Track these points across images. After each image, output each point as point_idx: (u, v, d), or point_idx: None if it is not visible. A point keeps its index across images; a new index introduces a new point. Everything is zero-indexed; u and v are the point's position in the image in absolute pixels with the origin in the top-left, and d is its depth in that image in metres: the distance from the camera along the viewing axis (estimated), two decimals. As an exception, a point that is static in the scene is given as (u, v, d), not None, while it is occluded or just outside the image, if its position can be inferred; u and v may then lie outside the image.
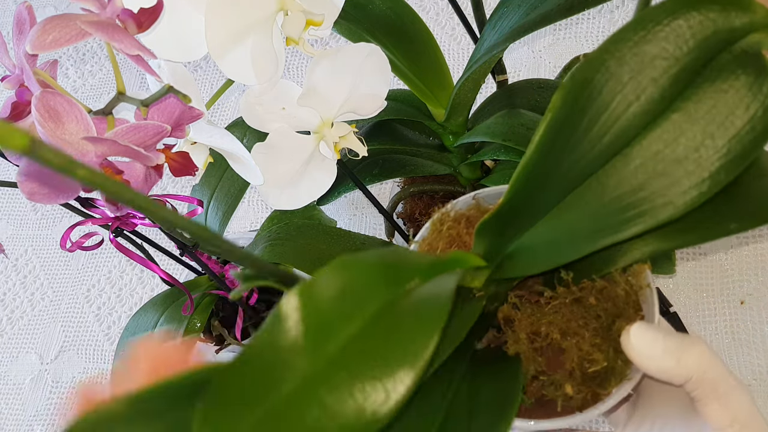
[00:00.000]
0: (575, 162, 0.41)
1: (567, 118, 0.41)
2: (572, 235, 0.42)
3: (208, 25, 0.46)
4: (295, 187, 0.59)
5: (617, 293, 0.44)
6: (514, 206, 0.43)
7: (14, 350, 1.12)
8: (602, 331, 0.43)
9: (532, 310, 0.45)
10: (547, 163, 0.42)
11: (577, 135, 0.41)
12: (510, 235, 0.44)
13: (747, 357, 0.82)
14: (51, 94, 0.39)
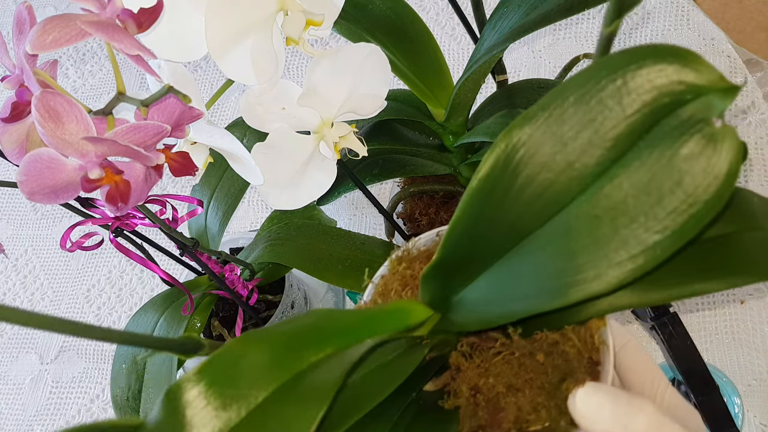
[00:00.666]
0: (511, 222, 0.40)
1: (501, 177, 0.39)
2: (510, 297, 0.40)
3: (208, 25, 0.46)
4: (295, 187, 0.59)
5: (568, 351, 0.42)
6: (450, 260, 0.42)
7: (14, 350, 1.12)
8: (549, 389, 0.41)
9: (482, 359, 0.43)
10: (481, 221, 0.40)
11: (512, 194, 0.39)
12: (454, 285, 0.43)
13: (747, 357, 0.82)
14: (51, 94, 0.39)
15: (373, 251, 0.76)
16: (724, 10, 1.04)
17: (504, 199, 0.39)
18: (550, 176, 0.38)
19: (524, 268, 0.40)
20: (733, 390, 0.79)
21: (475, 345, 0.44)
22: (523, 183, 0.39)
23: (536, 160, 0.38)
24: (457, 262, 0.42)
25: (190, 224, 0.85)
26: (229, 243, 0.93)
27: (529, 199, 0.39)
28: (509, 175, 0.39)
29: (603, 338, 0.43)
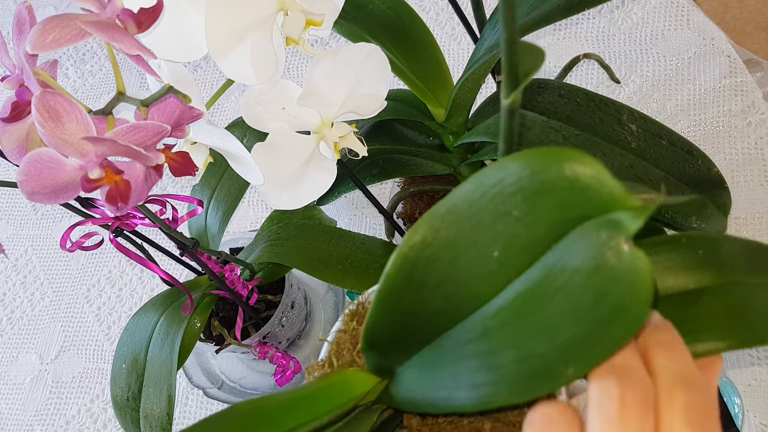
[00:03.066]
0: (429, 319, 0.39)
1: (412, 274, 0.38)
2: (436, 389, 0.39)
3: (208, 24, 0.46)
4: (295, 187, 0.59)
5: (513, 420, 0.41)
6: (378, 340, 0.41)
7: (14, 350, 1.12)
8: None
9: (433, 422, 0.42)
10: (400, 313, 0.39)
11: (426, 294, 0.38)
12: (393, 359, 0.42)
13: (747, 357, 0.82)
14: (51, 94, 0.39)
15: (373, 251, 0.76)
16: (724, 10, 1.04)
17: (420, 294, 0.38)
18: (463, 276, 0.37)
19: (446, 359, 0.38)
20: (733, 390, 0.79)
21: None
22: (438, 279, 0.37)
23: (446, 260, 0.37)
24: (387, 341, 0.41)
25: (190, 224, 0.85)
26: (229, 243, 0.93)
27: (447, 294, 0.38)
28: (421, 271, 0.37)
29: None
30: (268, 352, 0.84)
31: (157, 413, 0.72)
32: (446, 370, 0.38)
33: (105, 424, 1.02)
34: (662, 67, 1.02)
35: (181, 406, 1.00)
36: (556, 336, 0.33)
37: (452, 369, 0.38)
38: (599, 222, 0.33)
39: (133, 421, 0.74)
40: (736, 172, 0.91)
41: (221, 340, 0.83)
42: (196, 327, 0.76)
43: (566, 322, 0.33)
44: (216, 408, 0.98)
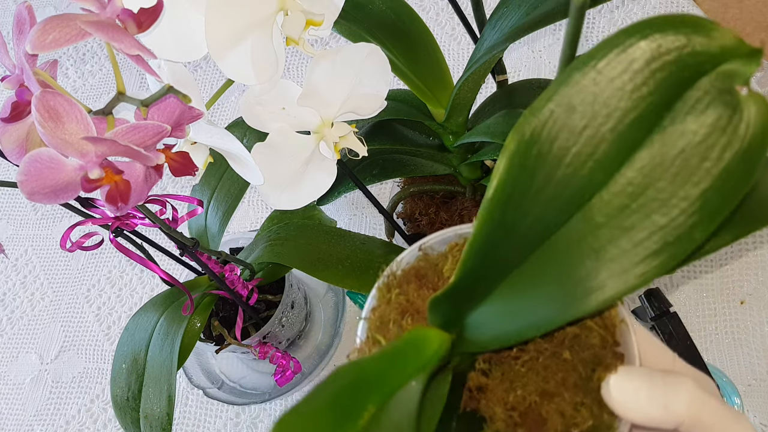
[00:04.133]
0: (529, 228, 0.37)
1: (516, 182, 0.36)
2: (529, 310, 0.38)
3: (208, 24, 0.46)
4: (295, 187, 0.59)
5: (592, 340, 0.40)
6: (465, 285, 0.39)
7: (14, 350, 1.12)
8: (583, 385, 0.39)
9: (504, 373, 0.41)
10: (498, 234, 0.37)
11: (529, 198, 0.36)
12: (469, 305, 0.40)
13: (747, 357, 0.82)
14: (51, 94, 0.39)
15: (373, 251, 0.76)
16: (724, 10, 1.04)
17: (522, 202, 0.37)
18: (569, 171, 0.35)
19: (547, 276, 0.37)
20: (733, 390, 0.79)
21: (492, 359, 0.42)
22: (541, 181, 0.36)
23: (552, 156, 0.35)
24: (473, 281, 0.39)
25: (190, 224, 0.85)
26: (229, 243, 0.93)
27: (550, 197, 0.36)
28: (526, 177, 0.36)
29: (621, 317, 0.41)
30: (268, 352, 0.84)
31: (157, 413, 0.72)
32: (543, 286, 0.37)
33: (105, 424, 1.02)
34: (662, 67, 1.02)
35: (181, 406, 1.00)
36: (678, 203, 0.34)
37: (556, 278, 0.37)
38: (714, 76, 0.33)
39: (133, 421, 0.74)
40: (736, 172, 0.91)
41: (221, 340, 0.83)
42: (196, 327, 0.76)
43: (688, 186, 0.33)
44: (216, 408, 0.99)
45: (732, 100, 0.33)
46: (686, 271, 0.88)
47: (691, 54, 0.33)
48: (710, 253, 0.38)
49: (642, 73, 0.34)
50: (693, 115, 0.34)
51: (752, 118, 0.33)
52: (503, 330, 0.39)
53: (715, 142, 0.33)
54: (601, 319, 0.41)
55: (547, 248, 0.37)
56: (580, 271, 0.36)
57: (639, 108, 0.34)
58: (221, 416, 0.98)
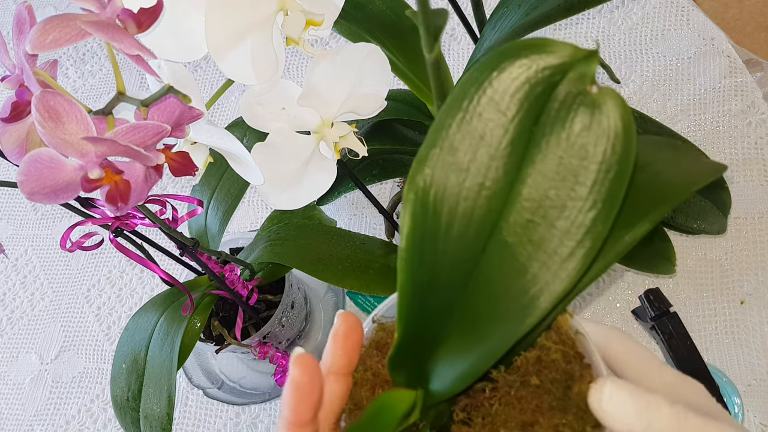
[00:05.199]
0: (452, 267, 0.39)
1: (424, 226, 0.38)
2: (484, 338, 0.39)
3: (208, 24, 0.46)
4: (295, 187, 0.59)
5: (554, 358, 0.41)
6: (411, 336, 0.41)
7: (14, 350, 1.12)
8: (559, 405, 0.40)
9: (484, 417, 0.41)
10: (423, 279, 0.39)
11: (441, 239, 0.39)
12: (423, 359, 0.42)
13: (747, 357, 0.82)
14: (51, 94, 0.39)
15: (373, 251, 0.76)
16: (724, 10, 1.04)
17: (436, 244, 0.39)
18: (469, 203, 0.38)
19: (484, 304, 0.39)
20: (733, 390, 0.79)
21: (468, 406, 0.43)
22: (447, 222, 0.38)
23: (449, 195, 0.38)
24: (418, 330, 0.41)
25: (190, 224, 0.85)
26: (229, 243, 0.93)
27: (459, 232, 0.39)
28: (431, 221, 0.38)
29: (575, 328, 0.42)
30: (268, 352, 0.84)
31: (157, 413, 0.72)
32: (488, 314, 0.39)
33: (105, 424, 1.02)
34: (662, 67, 1.02)
35: (181, 406, 1.00)
36: (573, 204, 0.36)
37: (494, 306, 0.39)
38: (564, 86, 0.37)
39: (133, 421, 0.74)
40: (736, 172, 0.91)
41: (221, 340, 0.83)
42: (196, 327, 0.76)
43: (576, 186, 0.36)
44: (216, 408, 0.99)
45: (587, 99, 0.36)
46: (686, 271, 0.88)
47: (539, 71, 0.36)
48: (616, 259, 0.39)
49: (502, 104, 0.37)
50: (559, 123, 0.36)
51: (611, 110, 0.36)
52: (463, 369, 0.40)
53: (587, 141, 0.36)
54: (555, 335, 0.42)
55: (476, 280, 0.39)
56: (512, 292, 0.38)
57: (510, 131, 0.37)
58: (221, 416, 0.98)
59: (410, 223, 0.38)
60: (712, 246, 0.88)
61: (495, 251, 0.38)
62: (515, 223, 0.38)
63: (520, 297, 0.37)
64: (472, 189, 0.38)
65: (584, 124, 0.36)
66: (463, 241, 0.39)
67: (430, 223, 0.38)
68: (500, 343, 0.38)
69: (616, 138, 0.35)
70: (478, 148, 0.37)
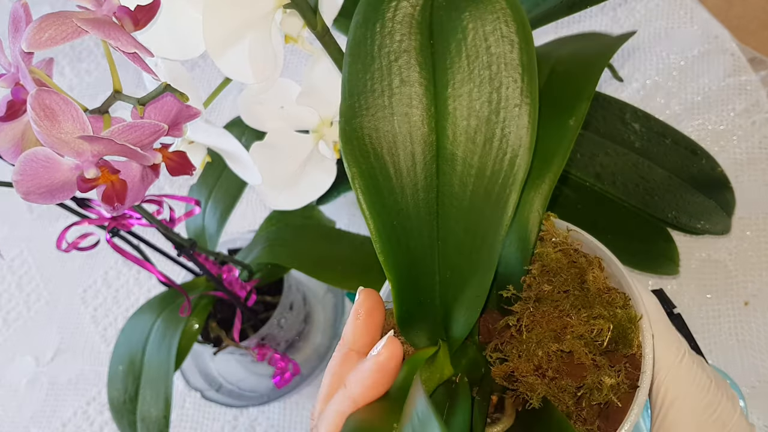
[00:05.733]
0: (415, 203, 0.40)
1: (373, 175, 0.40)
2: (473, 257, 0.40)
3: (205, 22, 0.46)
4: (293, 187, 0.59)
5: (555, 259, 0.42)
6: (406, 285, 0.42)
7: (10, 352, 1.12)
8: (581, 301, 0.41)
9: (516, 347, 0.42)
10: (396, 225, 0.41)
11: (395, 180, 0.40)
12: (431, 308, 0.42)
13: (751, 359, 0.81)
14: (47, 93, 0.39)
15: (372, 252, 0.75)
16: (727, 8, 1.04)
17: (392, 186, 0.40)
18: (404, 134, 0.39)
19: (459, 223, 0.40)
20: (737, 392, 0.79)
21: (499, 345, 0.43)
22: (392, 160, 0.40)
23: (383, 134, 0.40)
24: (412, 283, 0.42)
25: (188, 224, 0.84)
26: (227, 243, 0.92)
27: (408, 166, 0.40)
28: (377, 164, 0.40)
29: (564, 226, 0.43)
30: (266, 354, 0.83)
31: (154, 416, 0.71)
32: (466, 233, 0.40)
33: (101, 427, 1.01)
34: (665, 65, 1.01)
35: (178, 409, 0.99)
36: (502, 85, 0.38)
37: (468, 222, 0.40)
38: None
39: (130, 423, 0.73)
40: (740, 172, 0.90)
41: (219, 341, 0.83)
42: (193, 329, 0.76)
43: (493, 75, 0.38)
44: (214, 410, 0.98)
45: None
46: (690, 272, 0.87)
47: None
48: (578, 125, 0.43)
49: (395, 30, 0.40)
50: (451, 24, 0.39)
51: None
52: (470, 300, 0.40)
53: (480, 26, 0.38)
54: (548, 242, 0.43)
55: (443, 203, 0.40)
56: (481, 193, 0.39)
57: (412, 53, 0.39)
58: (219, 419, 0.97)
59: (358, 173, 0.40)
60: (716, 246, 0.87)
61: (447, 167, 0.39)
62: (455, 132, 0.39)
63: (491, 190, 0.38)
64: (401, 120, 0.39)
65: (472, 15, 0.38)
66: (414, 172, 0.40)
67: (377, 167, 0.40)
68: (492, 243, 0.39)
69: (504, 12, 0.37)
70: (392, 81, 0.39)
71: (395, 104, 0.39)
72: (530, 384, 0.41)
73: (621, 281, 0.42)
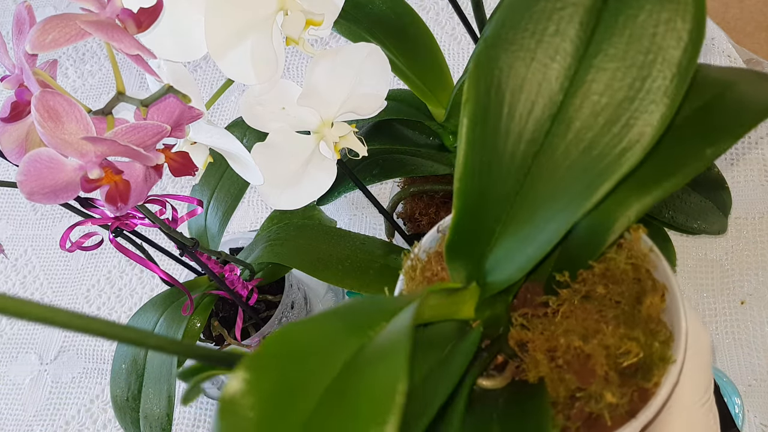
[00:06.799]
0: (513, 150, 0.39)
1: (486, 107, 0.38)
2: (544, 222, 0.38)
3: (207, 24, 0.46)
4: (295, 187, 0.59)
5: (623, 270, 0.40)
6: (469, 217, 0.40)
7: (14, 350, 1.12)
8: (626, 318, 0.39)
9: (543, 324, 0.41)
10: (484, 161, 0.39)
11: (504, 121, 0.38)
12: (481, 248, 0.41)
13: (747, 357, 0.82)
14: (50, 94, 0.39)
15: (373, 251, 0.76)
16: (724, 10, 1.04)
17: (498, 126, 0.38)
18: (534, 84, 0.38)
19: (546, 186, 0.38)
20: (733, 390, 0.79)
21: (529, 315, 0.42)
22: (510, 101, 0.38)
23: (514, 74, 0.38)
24: (474, 217, 0.40)
25: (190, 224, 0.85)
26: (228, 243, 0.93)
27: (523, 114, 0.38)
28: (495, 99, 0.38)
29: (649, 245, 0.40)
30: (267, 352, 0.83)
31: (157, 413, 0.72)
32: (549, 196, 0.38)
33: (105, 425, 1.02)
34: (662, 67, 1.01)
35: (180, 407, 1.00)
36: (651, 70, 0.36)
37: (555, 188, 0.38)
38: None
39: (133, 421, 0.74)
40: (736, 172, 0.91)
41: (221, 340, 0.83)
42: (195, 327, 0.76)
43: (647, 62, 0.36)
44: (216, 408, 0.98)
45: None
46: (687, 271, 0.88)
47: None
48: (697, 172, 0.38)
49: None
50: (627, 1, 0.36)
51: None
52: (521, 259, 0.39)
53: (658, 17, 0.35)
54: (626, 251, 0.40)
55: (540, 163, 0.38)
56: (576, 171, 0.37)
57: (579, 10, 0.37)
58: (221, 416, 0.98)
59: (474, 99, 0.38)
60: (712, 246, 0.88)
61: (559, 132, 0.38)
62: (584, 102, 0.37)
63: (582, 178, 0.37)
64: (538, 68, 0.37)
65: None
66: (526, 122, 0.38)
67: (494, 101, 0.38)
68: (558, 226, 0.37)
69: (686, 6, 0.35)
70: (548, 26, 0.37)
71: (539, 51, 0.38)
72: (537, 361, 0.40)
73: (674, 321, 0.40)
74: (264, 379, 0.28)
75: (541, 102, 0.38)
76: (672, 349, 0.38)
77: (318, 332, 0.31)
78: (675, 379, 0.38)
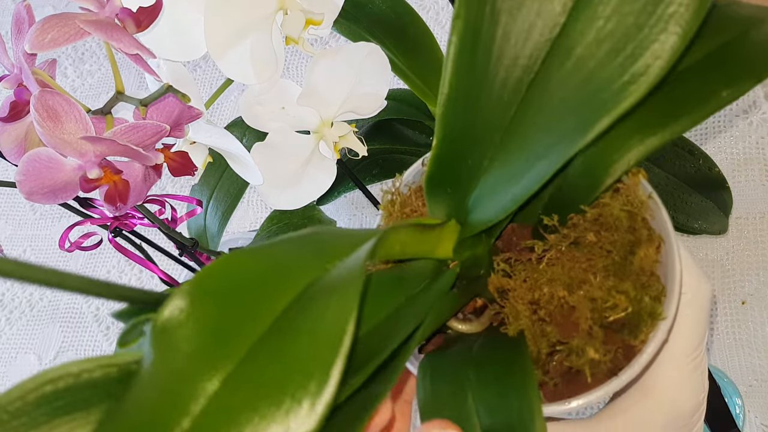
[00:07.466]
0: (506, 76, 0.35)
1: (479, 26, 0.34)
2: (533, 158, 0.35)
3: (207, 24, 0.46)
4: (294, 186, 0.59)
5: (618, 216, 0.36)
6: (452, 148, 0.37)
7: (13, 351, 1.12)
8: (616, 269, 0.36)
9: (527, 271, 0.38)
10: (472, 87, 0.35)
11: (498, 43, 0.35)
12: (464, 183, 0.38)
13: (748, 358, 0.82)
14: (50, 94, 0.39)
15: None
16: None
17: (491, 47, 0.35)
18: (534, 8, 0.34)
19: (539, 119, 0.35)
20: (734, 390, 0.79)
21: (512, 260, 0.39)
22: (506, 22, 0.34)
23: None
24: (458, 146, 0.37)
25: (189, 224, 0.85)
26: (228, 243, 0.92)
27: (519, 37, 0.35)
28: (489, 18, 0.34)
29: (648, 191, 0.37)
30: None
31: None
32: (541, 129, 0.35)
33: (104, 425, 1.02)
34: (663, 66, 1.01)
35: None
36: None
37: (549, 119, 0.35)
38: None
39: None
40: (737, 172, 0.90)
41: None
42: (195, 327, 0.76)
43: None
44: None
45: None
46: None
47: None
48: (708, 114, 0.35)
49: None
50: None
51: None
52: (506, 197, 0.36)
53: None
54: (623, 197, 0.37)
55: (532, 94, 0.35)
56: (572, 104, 0.34)
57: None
58: (220, 417, 0.98)
59: (465, 16, 0.34)
60: (713, 246, 0.88)
61: (558, 58, 0.34)
62: (585, 27, 0.33)
63: (579, 111, 0.33)
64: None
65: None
66: (522, 46, 0.35)
67: (488, 21, 0.35)
68: (549, 164, 0.34)
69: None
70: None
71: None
72: (517, 311, 0.37)
73: (669, 275, 0.36)
74: (201, 310, 0.25)
75: (540, 24, 0.34)
76: (663, 305, 0.35)
77: (268, 261, 0.28)
78: (664, 336, 0.35)
